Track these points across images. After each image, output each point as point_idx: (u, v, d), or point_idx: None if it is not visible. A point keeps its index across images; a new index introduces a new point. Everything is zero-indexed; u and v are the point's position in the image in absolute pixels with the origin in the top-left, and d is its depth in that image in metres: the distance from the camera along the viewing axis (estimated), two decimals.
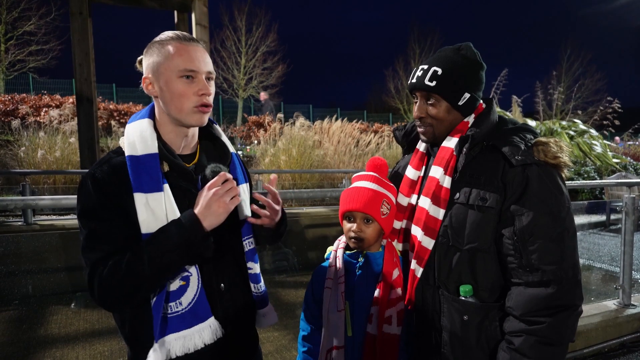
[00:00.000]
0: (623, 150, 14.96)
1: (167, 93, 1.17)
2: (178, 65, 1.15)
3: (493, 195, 1.21)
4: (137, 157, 1.15)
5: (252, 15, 25.04)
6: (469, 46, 1.32)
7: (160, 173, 1.16)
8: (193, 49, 1.18)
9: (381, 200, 1.37)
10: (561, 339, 1.16)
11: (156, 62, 1.17)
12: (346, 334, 1.36)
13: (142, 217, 1.12)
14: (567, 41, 28.98)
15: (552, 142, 1.23)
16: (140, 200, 1.12)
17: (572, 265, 1.18)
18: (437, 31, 29.90)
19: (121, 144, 1.22)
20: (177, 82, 1.16)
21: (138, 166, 1.14)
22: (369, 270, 1.39)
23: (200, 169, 1.25)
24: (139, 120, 1.22)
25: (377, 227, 1.38)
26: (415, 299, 1.34)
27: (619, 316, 3.39)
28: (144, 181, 1.13)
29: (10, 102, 10.91)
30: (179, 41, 1.17)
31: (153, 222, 1.13)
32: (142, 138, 1.17)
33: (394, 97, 28.10)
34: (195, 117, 1.19)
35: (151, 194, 1.13)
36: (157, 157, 1.16)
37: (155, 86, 1.19)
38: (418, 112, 1.34)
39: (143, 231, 1.12)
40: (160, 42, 1.18)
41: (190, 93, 1.17)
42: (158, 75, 1.17)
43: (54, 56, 21.35)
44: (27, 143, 7.72)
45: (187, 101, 1.17)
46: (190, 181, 1.22)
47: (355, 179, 1.45)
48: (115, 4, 6.39)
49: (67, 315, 3.84)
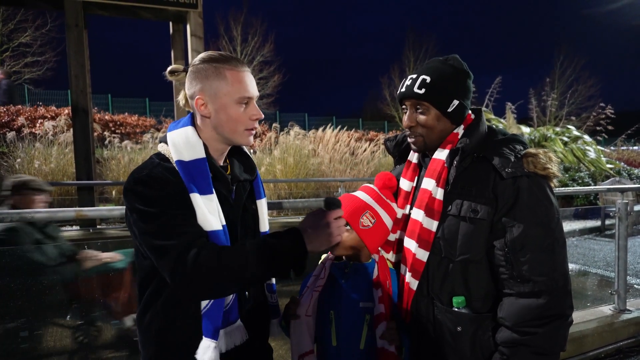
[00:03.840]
0: (617, 155, 15.07)
1: (222, 116, 1.23)
2: (237, 92, 1.22)
3: (484, 207, 1.23)
4: (186, 162, 1.20)
5: (247, 25, 25.19)
6: (455, 57, 1.35)
7: (210, 176, 1.22)
8: (247, 75, 1.25)
9: (363, 211, 1.38)
10: (553, 348, 1.18)
11: (213, 86, 1.22)
12: (330, 343, 1.37)
13: (200, 216, 1.17)
14: (560, 47, 29.29)
15: (541, 153, 1.25)
16: (197, 201, 1.17)
17: (562, 275, 1.20)
18: (431, 39, 30.17)
19: (164, 151, 1.25)
20: (234, 108, 1.23)
21: (190, 170, 1.20)
22: (357, 281, 1.40)
23: (235, 179, 1.33)
24: (182, 128, 1.26)
25: (355, 237, 1.38)
26: (410, 310, 1.35)
27: (614, 321, 3.41)
28: (197, 183, 1.19)
29: (5, 114, 10.88)
30: (235, 67, 1.23)
31: (210, 221, 1.18)
32: (189, 144, 1.23)
33: (389, 105, 28.24)
34: (245, 138, 1.28)
35: (205, 196, 1.19)
36: (205, 162, 1.22)
37: (210, 107, 1.23)
38: (408, 121, 1.34)
39: (205, 229, 1.17)
40: (216, 66, 1.22)
41: (245, 118, 1.25)
42: (215, 98, 1.22)
43: (49, 67, 21.36)
44: (22, 154, 7.71)
45: (241, 125, 1.25)
46: (228, 189, 1.29)
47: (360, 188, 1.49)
48: (111, 15, 6.43)
49: (63, 328, 3.81)
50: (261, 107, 5.13)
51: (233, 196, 1.31)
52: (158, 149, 1.28)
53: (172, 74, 1.32)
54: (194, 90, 1.24)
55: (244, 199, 1.36)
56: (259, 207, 1.42)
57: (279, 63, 25.54)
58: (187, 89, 1.27)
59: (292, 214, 7.31)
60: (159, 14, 6.35)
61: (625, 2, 57.29)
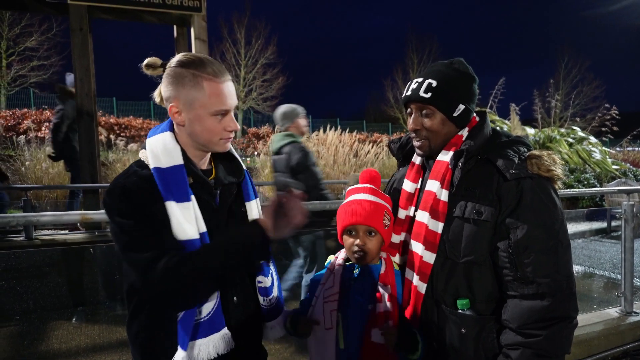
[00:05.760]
0: (622, 156, 14.97)
1: (197, 126, 1.21)
2: (212, 105, 1.20)
3: (488, 208, 1.22)
4: (163, 169, 1.19)
5: (251, 27, 25.31)
6: (460, 60, 1.35)
7: (187, 183, 1.20)
8: (225, 87, 1.22)
9: (383, 212, 1.37)
10: (557, 351, 1.18)
11: (189, 96, 1.19)
12: (338, 346, 1.34)
13: (175, 225, 1.16)
14: (565, 48, 29.18)
15: (545, 155, 1.24)
16: (172, 209, 1.16)
17: (566, 277, 1.19)
18: (434, 41, 30.17)
19: (143, 158, 1.24)
20: (209, 120, 1.21)
21: (166, 177, 1.18)
22: (365, 283, 1.38)
23: (219, 183, 1.31)
24: (160, 134, 1.25)
25: (380, 240, 1.38)
26: (419, 314, 1.33)
27: (621, 324, 3.38)
28: (173, 191, 1.18)
29: (11, 118, 10.97)
30: (214, 77, 1.20)
31: (186, 229, 1.17)
32: (166, 150, 1.21)
33: (393, 107, 28.22)
34: (221, 146, 1.27)
35: (182, 203, 1.17)
36: (183, 168, 1.21)
37: (184, 116, 1.22)
38: (413, 124, 1.34)
39: (180, 238, 1.17)
40: (194, 74, 1.19)
41: (220, 129, 1.23)
42: (190, 109, 1.20)
43: (55, 71, 21.56)
44: (29, 157, 7.76)
45: (216, 136, 1.24)
46: (211, 194, 1.27)
47: (351, 192, 1.45)
48: (115, 19, 6.47)
49: (68, 330, 3.83)
50: (265, 110, 5.15)
51: (217, 200, 1.29)
52: (139, 155, 1.27)
53: (149, 67, 1.26)
54: (169, 94, 1.22)
55: (230, 202, 1.34)
56: (248, 210, 1.38)
57: (283, 65, 25.67)
58: (162, 90, 1.25)
59: None
60: (163, 17, 6.38)
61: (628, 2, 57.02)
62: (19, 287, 4.17)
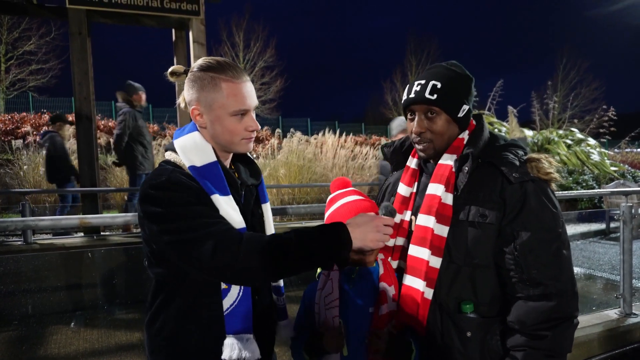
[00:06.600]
0: (621, 157, 14.99)
1: (218, 127, 1.23)
2: (232, 105, 1.21)
3: (492, 211, 1.22)
4: (198, 167, 1.20)
5: (249, 31, 25.33)
6: (455, 63, 1.37)
7: (225, 179, 1.22)
8: (244, 87, 1.23)
9: (377, 211, 1.35)
10: (562, 350, 1.20)
11: (208, 98, 1.21)
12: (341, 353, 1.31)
13: (224, 215, 1.18)
14: (563, 50, 29.25)
15: (543, 158, 1.26)
16: (218, 201, 1.19)
17: (569, 277, 1.21)
18: (433, 43, 30.22)
19: (173, 159, 1.25)
20: (229, 120, 1.22)
21: (204, 174, 1.20)
22: (363, 286, 1.36)
23: (243, 184, 1.35)
24: (189, 134, 1.26)
25: None
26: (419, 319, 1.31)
27: (620, 326, 3.37)
28: (215, 185, 1.19)
29: (10, 122, 10.97)
30: (232, 79, 1.21)
31: (235, 218, 1.19)
32: (198, 149, 1.23)
33: (392, 109, 28.25)
34: (243, 146, 1.28)
35: (225, 197, 1.20)
36: (218, 165, 1.23)
37: (205, 118, 1.23)
38: (418, 127, 1.31)
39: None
40: (212, 76, 1.21)
41: (241, 129, 1.24)
42: (210, 110, 1.22)
43: (53, 75, 21.57)
44: (27, 161, 7.76)
45: (237, 136, 1.25)
46: (237, 193, 1.29)
47: (337, 197, 1.42)
48: (114, 23, 6.48)
49: (67, 335, 3.82)
50: (263, 113, 5.19)
51: (242, 201, 1.32)
52: (166, 157, 1.27)
53: (173, 75, 1.32)
54: (190, 98, 1.25)
55: (252, 203, 1.37)
56: (264, 211, 1.43)
57: (281, 68, 25.66)
58: (185, 94, 1.28)
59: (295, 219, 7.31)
60: (162, 21, 6.39)
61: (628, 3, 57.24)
62: (17, 292, 4.16)
